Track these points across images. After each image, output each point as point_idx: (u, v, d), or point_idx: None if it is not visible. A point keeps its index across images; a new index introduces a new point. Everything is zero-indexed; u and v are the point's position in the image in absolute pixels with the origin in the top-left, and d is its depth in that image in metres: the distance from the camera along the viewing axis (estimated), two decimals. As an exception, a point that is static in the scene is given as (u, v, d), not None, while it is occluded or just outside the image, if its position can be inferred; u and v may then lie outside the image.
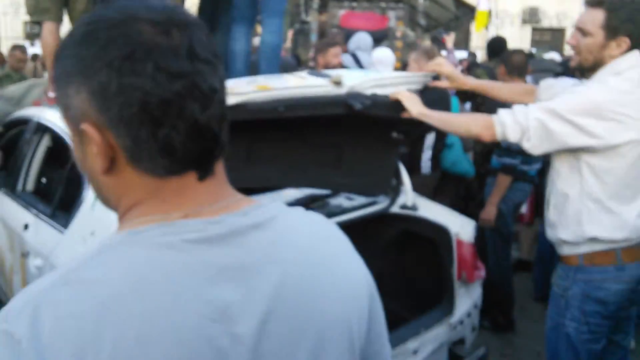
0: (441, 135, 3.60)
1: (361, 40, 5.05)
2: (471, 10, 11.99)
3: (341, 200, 2.58)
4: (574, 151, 1.78)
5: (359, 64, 4.63)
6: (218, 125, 0.60)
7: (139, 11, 0.58)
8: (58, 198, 2.48)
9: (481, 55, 9.26)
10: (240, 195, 0.67)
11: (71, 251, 2.13)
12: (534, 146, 1.77)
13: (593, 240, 1.82)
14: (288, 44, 9.86)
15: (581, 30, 1.80)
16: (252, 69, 3.37)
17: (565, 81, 2.00)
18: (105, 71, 0.55)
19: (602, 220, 1.80)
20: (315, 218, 0.73)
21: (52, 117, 2.75)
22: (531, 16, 15.16)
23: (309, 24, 11.07)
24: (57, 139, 2.71)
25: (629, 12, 1.73)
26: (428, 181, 3.60)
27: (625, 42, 1.75)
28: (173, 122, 0.56)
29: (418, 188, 3.28)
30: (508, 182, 3.14)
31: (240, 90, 1.70)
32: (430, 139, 3.51)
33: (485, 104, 3.28)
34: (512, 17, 12.22)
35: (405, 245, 2.60)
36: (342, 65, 4.05)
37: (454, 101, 3.53)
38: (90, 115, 0.58)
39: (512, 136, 1.78)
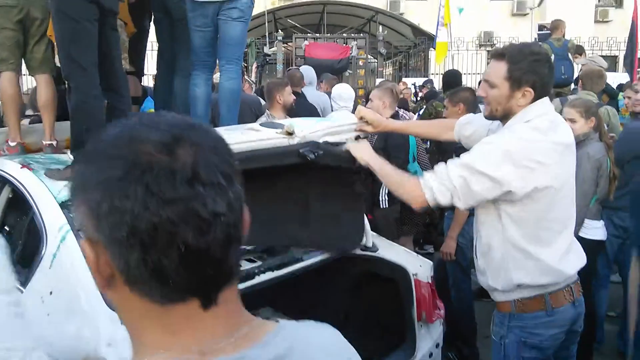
0: (403, 168, 3.73)
1: (306, 75, 5.17)
2: (429, 38, 12.40)
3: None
4: (494, 201, 1.83)
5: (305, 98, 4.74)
6: (222, 251, 0.56)
7: (145, 130, 0.56)
8: (18, 254, 2.44)
9: (439, 81, 9.56)
10: (255, 320, 0.65)
11: (30, 311, 2.10)
12: (465, 203, 1.82)
13: (521, 286, 1.85)
14: (253, 76, 10.00)
15: (488, 82, 1.87)
16: (213, 108, 3.44)
17: (483, 117, 2.04)
18: (99, 190, 0.54)
19: (526, 266, 1.83)
20: (327, 334, 0.74)
21: (12, 169, 2.72)
22: (486, 40, 15.78)
23: (273, 55, 11.24)
24: (16, 192, 2.67)
25: (529, 63, 1.79)
26: (389, 213, 3.68)
27: (529, 92, 1.80)
28: (163, 248, 0.53)
29: (380, 221, 3.37)
30: (465, 216, 3.23)
31: None
32: None
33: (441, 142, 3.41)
34: (468, 42, 12.66)
35: (369, 286, 2.65)
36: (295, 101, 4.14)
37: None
38: (88, 231, 0.57)
39: (442, 199, 1.82)
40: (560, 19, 6.38)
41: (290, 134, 1.93)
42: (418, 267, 2.45)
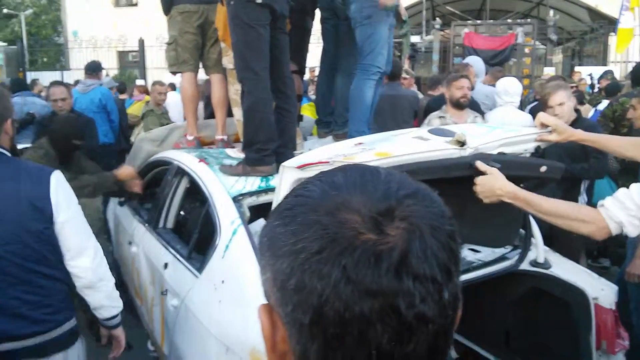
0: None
1: (474, 66, 4.89)
2: (609, 22, 10.99)
3: (466, 253, 2.48)
4: None
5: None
6: None
7: (353, 195, 0.47)
8: (194, 241, 2.65)
9: (620, 71, 8.37)
10: None
11: (204, 297, 2.27)
12: None
13: None
14: (406, 66, 9.86)
15: None
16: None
17: None
18: (288, 260, 0.46)
19: None
20: None
21: (190, 162, 2.99)
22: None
23: (421, 44, 10.93)
24: (193, 182, 2.91)
25: None
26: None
27: None
28: (350, 349, 0.44)
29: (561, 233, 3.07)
30: (657, 232, 2.80)
31: (359, 159, 1.71)
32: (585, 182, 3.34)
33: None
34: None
35: (536, 305, 2.43)
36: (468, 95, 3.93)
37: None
38: (270, 299, 0.50)
39: (634, 232, 1.61)
40: None
41: (461, 144, 1.80)
42: (599, 291, 2.17)
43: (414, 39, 11.61)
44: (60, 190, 1.84)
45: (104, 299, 1.99)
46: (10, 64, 13.16)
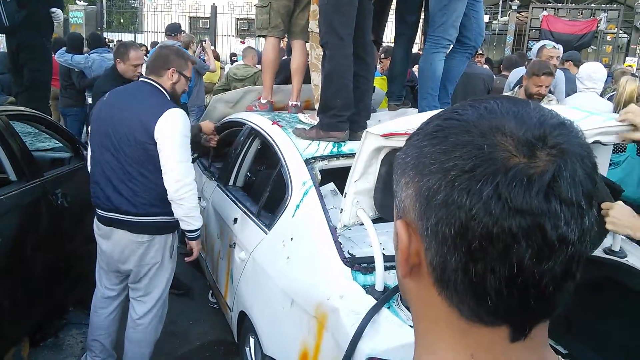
0: None
1: None
2: None
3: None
4: None
5: None
6: (554, 284, 0.48)
7: (507, 120, 0.49)
8: (264, 199, 2.73)
9: None
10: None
11: (272, 252, 2.36)
12: None
13: None
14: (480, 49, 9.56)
15: None
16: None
17: None
18: (437, 177, 0.49)
19: None
20: None
21: (263, 124, 3.06)
22: None
23: (494, 25, 10.50)
24: (265, 144, 2.99)
25: None
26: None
27: None
28: (492, 262, 0.47)
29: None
30: None
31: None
32: None
33: None
34: None
35: (604, 294, 2.36)
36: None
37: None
38: (409, 214, 0.53)
39: None
40: None
41: None
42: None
43: (487, 18, 11.19)
44: (169, 122, 2.44)
45: (182, 215, 2.52)
46: (89, 23, 13.66)
